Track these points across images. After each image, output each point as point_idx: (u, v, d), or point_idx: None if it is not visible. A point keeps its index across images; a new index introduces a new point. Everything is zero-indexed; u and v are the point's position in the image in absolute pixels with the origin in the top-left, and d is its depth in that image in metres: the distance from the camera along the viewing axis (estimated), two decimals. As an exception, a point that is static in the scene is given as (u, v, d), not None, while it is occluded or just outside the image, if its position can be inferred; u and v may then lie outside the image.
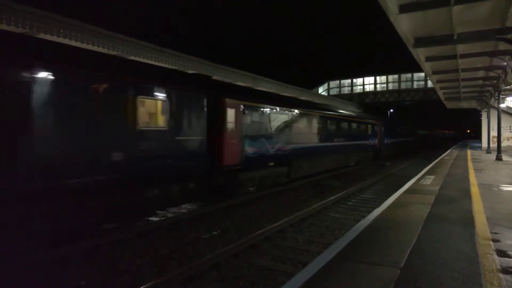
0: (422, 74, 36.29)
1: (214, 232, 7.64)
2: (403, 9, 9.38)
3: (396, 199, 7.86)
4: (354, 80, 43.64)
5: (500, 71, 16.67)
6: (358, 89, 43.32)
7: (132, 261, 5.97)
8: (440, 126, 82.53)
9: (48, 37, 9.62)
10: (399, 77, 40.92)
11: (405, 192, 8.93)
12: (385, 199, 8.14)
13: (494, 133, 24.72)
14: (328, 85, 45.07)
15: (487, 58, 14.70)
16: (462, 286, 3.41)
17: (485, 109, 30.06)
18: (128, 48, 11.54)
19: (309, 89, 36.11)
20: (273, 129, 12.18)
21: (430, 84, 32.81)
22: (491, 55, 13.81)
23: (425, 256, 4.19)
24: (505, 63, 14.32)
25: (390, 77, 41.54)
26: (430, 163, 18.76)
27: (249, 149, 10.80)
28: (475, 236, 4.98)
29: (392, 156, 30.10)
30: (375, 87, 42.47)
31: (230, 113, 9.88)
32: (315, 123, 15.26)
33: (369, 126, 23.31)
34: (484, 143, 30.27)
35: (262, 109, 11.55)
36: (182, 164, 8.45)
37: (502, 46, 12.27)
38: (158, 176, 7.91)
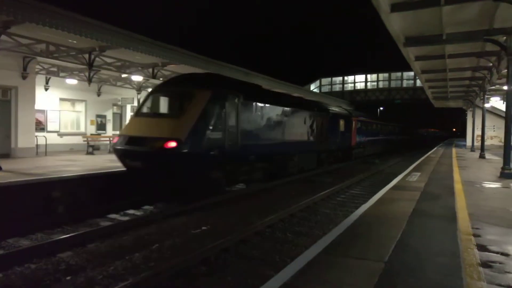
0: (412, 73, 36.71)
1: (203, 227, 7.69)
2: (395, 8, 9.51)
3: (383, 195, 8.01)
4: (346, 78, 43.88)
5: (486, 72, 17.02)
6: (349, 86, 43.60)
7: (120, 255, 5.99)
8: (429, 125, 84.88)
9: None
10: (390, 76, 41.31)
11: (392, 188, 9.10)
12: (373, 195, 8.29)
13: (478, 132, 25.22)
14: (320, 82, 45.26)
15: (474, 59, 15.00)
16: (444, 279, 3.53)
17: (470, 109, 30.61)
18: (118, 40, 11.46)
19: (301, 86, 36.14)
20: (362, 130, 25.07)
21: (419, 83, 33.20)
22: (478, 56, 14.11)
23: (409, 251, 4.32)
24: (491, 64, 14.62)
25: (381, 76, 41.92)
26: (417, 160, 19.09)
27: (357, 140, 23.51)
28: (457, 231, 5.14)
29: (382, 153, 30.91)
30: (365, 85, 42.79)
31: (354, 124, 22.55)
32: (374, 126, 29.46)
33: (396, 127, 39.47)
34: (469, 142, 30.86)
35: (361, 121, 24.92)
36: (344, 144, 20.84)
37: (489, 47, 12.54)
38: (340, 148, 20.10)
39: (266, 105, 11.98)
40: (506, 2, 8.47)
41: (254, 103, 11.25)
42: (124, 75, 16.53)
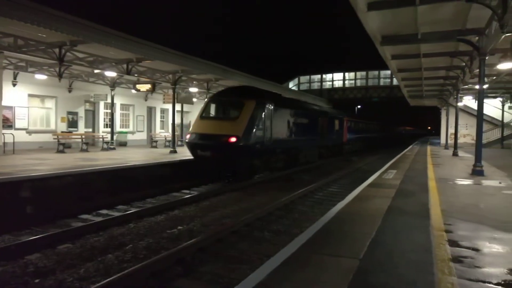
0: (389, 72, 37.41)
1: (179, 227, 7.56)
2: (372, 7, 9.56)
3: (360, 193, 8.09)
4: (324, 76, 44.27)
5: (459, 71, 17.47)
6: (328, 85, 44.01)
7: (94, 256, 5.81)
8: (406, 123, 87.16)
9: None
10: (367, 74, 41.99)
11: (368, 186, 9.20)
12: (350, 193, 8.35)
13: (452, 130, 25.97)
14: (299, 80, 45.51)
15: (448, 58, 15.36)
16: (417, 274, 3.57)
17: (444, 107, 31.45)
18: (90, 34, 11.09)
19: (280, 83, 36.23)
20: (351, 129, 28.23)
21: (395, 81, 33.89)
22: (452, 56, 14.44)
23: (383, 247, 4.35)
24: (464, 64, 15.02)
25: (358, 74, 42.54)
26: (394, 157, 19.46)
27: (348, 137, 26.76)
28: (430, 227, 5.22)
29: (368, 148, 31.82)
30: (343, 83, 43.33)
31: (345, 123, 25.78)
32: (361, 125, 33.04)
33: (378, 125, 42.78)
34: (443, 140, 31.75)
35: (352, 121, 28.71)
36: (338, 140, 24.10)
37: (462, 47, 12.85)
38: (335, 144, 23.64)
39: (287, 110, 15.60)
40: (478, 3, 8.67)
41: (280, 109, 14.59)
42: (96, 71, 16.00)
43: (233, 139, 11.84)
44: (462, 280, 3.44)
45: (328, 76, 43.97)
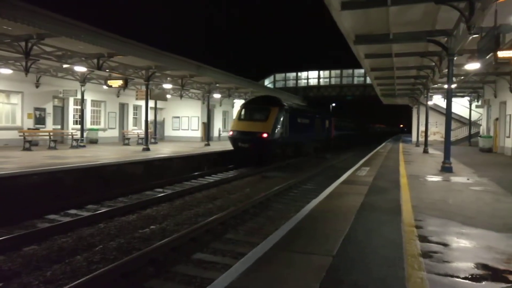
0: (362, 71, 38.07)
1: (152, 226, 7.39)
2: (345, 6, 9.64)
3: (333, 190, 8.16)
4: (299, 74, 44.58)
5: (429, 71, 18.01)
6: (303, 82, 44.36)
7: (62, 258, 5.58)
8: (380, 121, 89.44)
9: None
10: (341, 73, 42.59)
11: (342, 183, 9.31)
12: (324, 190, 8.42)
13: (422, 128, 26.77)
14: (274, 77, 45.62)
15: (419, 58, 15.79)
16: (388, 270, 3.62)
17: (416, 106, 32.39)
18: (57, 27, 10.62)
19: (256, 81, 36.17)
20: (337, 126, 31.99)
21: (369, 80, 34.56)
22: (422, 56, 14.85)
23: (356, 244, 4.39)
24: (434, 64, 15.49)
25: (333, 72, 43.09)
26: (367, 155, 19.85)
27: (334, 133, 30.80)
28: (401, 223, 5.33)
29: (335, 149, 32.13)
30: (318, 81, 43.80)
31: (332, 122, 30.25)
32: (344, 124, 36.81)
33: (357, 123, 46.45)
34: (414, 137, 32.71)
35: (337, 120, 32.83)
36: (326, 136, 28.26)
37: (432, 47, 13.24)
38: (325, 140, 28.06)
39: (297, 113, 20.76)
40: (447, 5, 8.93)
41: (292, 112, 19.63)
42: (65, 66, 15.37)
43: (265, 135, 16.78)
44: (431, 275, 3.51)
45: (304, 74, 44.32)
